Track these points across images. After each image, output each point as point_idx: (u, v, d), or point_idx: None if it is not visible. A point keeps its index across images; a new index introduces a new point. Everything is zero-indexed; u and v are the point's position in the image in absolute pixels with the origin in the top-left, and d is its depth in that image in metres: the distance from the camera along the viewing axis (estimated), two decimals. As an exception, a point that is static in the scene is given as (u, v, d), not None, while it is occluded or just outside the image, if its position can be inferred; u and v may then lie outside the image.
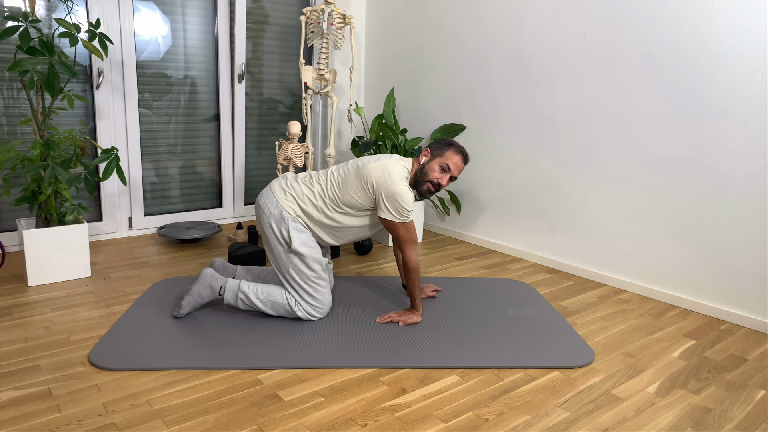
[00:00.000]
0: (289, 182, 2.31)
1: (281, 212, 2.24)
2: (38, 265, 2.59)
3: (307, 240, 2.24)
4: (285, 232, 2.22)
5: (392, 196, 2.16)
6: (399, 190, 2.16)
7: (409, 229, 2.23)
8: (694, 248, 2.58)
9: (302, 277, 2.23)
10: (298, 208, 2.26)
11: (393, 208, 2.17)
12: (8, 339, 2.07)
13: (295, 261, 2.22)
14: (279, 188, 2.29)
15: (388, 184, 2.17)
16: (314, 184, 2.29)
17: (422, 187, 2.29)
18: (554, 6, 3.02)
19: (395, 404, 1.73)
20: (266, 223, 2.26)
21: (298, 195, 2.26)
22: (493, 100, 3.42)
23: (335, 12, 3.45)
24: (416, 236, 2.25)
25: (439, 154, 2.29)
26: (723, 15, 2.38)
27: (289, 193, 2.27)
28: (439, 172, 2.27)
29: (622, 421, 1.68)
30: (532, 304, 2.56)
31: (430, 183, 2.27)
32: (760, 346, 2.25)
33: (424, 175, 2.27)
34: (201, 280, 2.28)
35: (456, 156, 2.29)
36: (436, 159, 2.28)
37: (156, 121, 3.54)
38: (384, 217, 2.20)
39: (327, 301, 2.29)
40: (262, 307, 2.25)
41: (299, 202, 2.26)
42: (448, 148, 2.30)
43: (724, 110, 2.42)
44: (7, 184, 2.65)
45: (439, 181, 2.27)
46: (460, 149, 2.31)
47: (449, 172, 2.28)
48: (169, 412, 1.64)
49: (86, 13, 3.15)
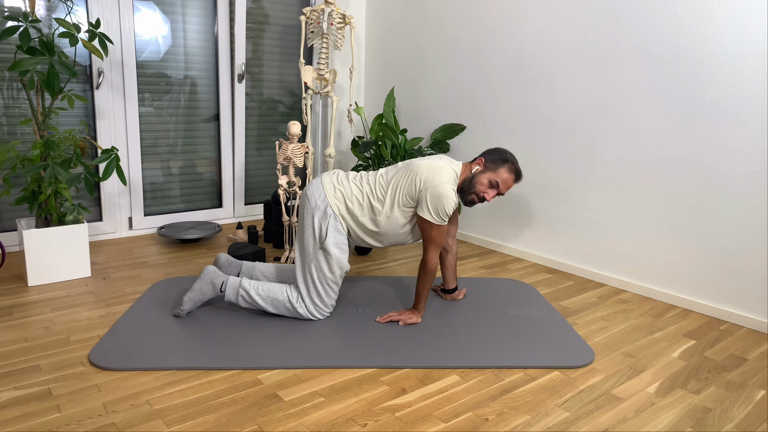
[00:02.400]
0: (340, 179, 2.29)
1: (326, 207, 2.22)
2: (38, 265, 2.59)
3: (341, 242, 2.23)
4: (324, 227, 2.21)
5: (437, 197, 2.13)
6: (445, 192, 2.13)
7: (441, 232, 2.20)
8: (694, 248, 2.58)
9: (320, 276, 2.22)
10: (344, 206, 2.24)
11: (434, 209, 2.14)
12: (8, 339, 2.07)
13: (320, 258, 2.21)
14: (330, 183, 2.27)
15: (436, 184, 2.13)
16: (364, 184, 2.27)
17: (467, 197, 2.25)
18: (554, 6, 3.02)
19: (395, 404, 1.73)
20: (309, 213, 2.24)
21: (347, 194, 2.25)
22: (493, 100, 3.43)
23: (335, 12, 3.45)
24: (444, 240, 2.23)
25: (492, 168, 2.24)
26: (723, 15, 2.38)
27: (339, 189, 2.25)
28: (487, 187, 2.23)
29: (622, 421, 1.68)
30: (532, 304, 2.56)
31: (475, 195, 2.24)
32: (760, 346, 2.25)
33: (472, 186, 2.23)
34: (203, 277, 2.28)
35: (509, 174, 2.24)
36: (488, 172, 2.23)
37: (156, 121, 3.54)
38: (422, 216, 2.17)
39: (331, 305, 2.29)
40: (262, 303, 2.25)
41: (347, 200, 2.24)
42: (503, 164, 2.24)
43: (724, 110, 2.42)
44: (7, 184, 2.65)
45: (485, 195, 2.23)
46: (515, 168, 2.25)
47: (497, 188, 2.24)
48: (169, 412, 1.64)
49: (86, 13, 3.15)
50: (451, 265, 2.54)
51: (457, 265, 2.49)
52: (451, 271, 2.54)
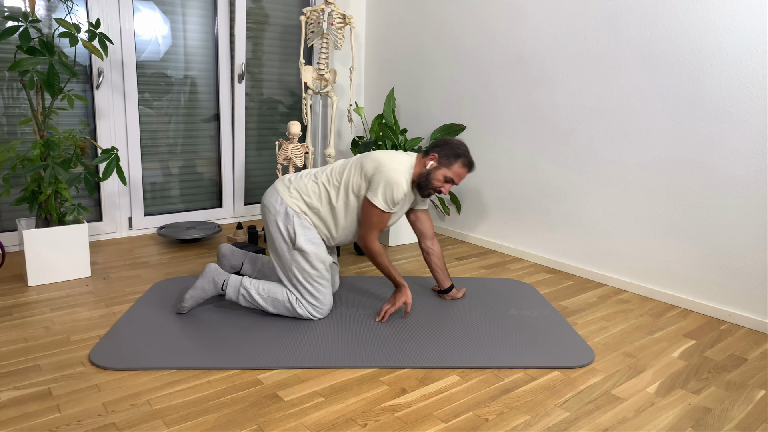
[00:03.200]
0: (293, 179, 2.32)
1: (286, 209, 2.24)
2: (38, 265, 2.59)
3: (312, 237, 2.24)
4: (291, 228, 2.22)
5: (390, 183, 2.16)
6: (397, 178, 2.16)
7: (383, 220, 2.22)
8: (694, 248, 2.58)
9: (305, 276, 2.23)
10: (303, 203, 2.26)
11: (383, 194, 2.16)
12: (8, 339, 2.07)
13: (298, 259, 2.22)
14: (283, 186, 2.30)
15: (390, 168, 2.17)
16: (318, 176, 2.30)
17: (425, 191, 2.30)
18: (554, 6, 3.02)
19: (395, 404, 1.73)
20: (272, 221, 2.26)
21: (303, 190, 2.27)
22: (493, 100, 3.43)
23: (335, 12, 3.45)
24: (383, 228, 2.25)
25: (446, 164, 2.28)
26: (723, 15, 2.38)
27: (293, 189, 2.28)
28: (443, 182, 2.28)
29: (622, 421, 1.68)
30: (532, 304, 2.56)
31: (432, 189, 2.29)
32: (760, 346, 2.25)
33: (429, 182, 2.27)
34: (205, 275, 2.30)
35: (462, 169, 2.30)
36: (442, 168, 2.27)
37: (156, 121, 3.54)
38: (370, 199, 2.18)
39: (327, 301, 2.29)
40: (262, 303, 2.26)
41: (304, 197, 2.26)
42: (457, 160, 2.28)
43: (724, 110, 2.42)
44: (7, 184, 2.65)
45: (442, 189, 2.29)
46: (468, 162, 2.31)
47: (452, 182, 2.30)
48: (169, 412, 1.64)
49: (86, 13, 3.15)
50: (439, 266, 2.54)
51: (445, 263, 2.49)
52: (440, 271, 2.55)
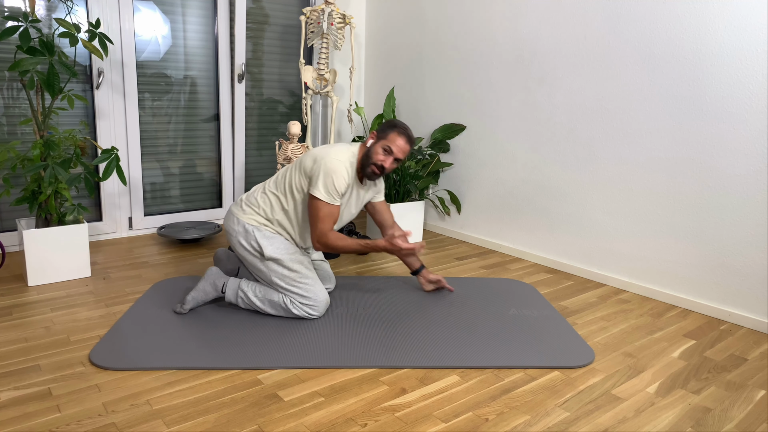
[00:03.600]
0: (244, 198, 2.36)
1: (244, 226, 2.28)
2: (38, 265, 2.59)
3: (279, 244, 2.26)
4: (254, 242, 2.25)
5: (328, 173, 2.17)
6: (336, 167, 2.18)
7: (331, 213, 2.21)
8: (694, 248, 2.58)
9: (287, 281, 2.24)
10: (258, 216, 2.29)
11: (323, 185, 2.17)
12: (8, 339, 2.07)
13: (274, 268, 2.24)
14: (236, 207, 2.35)
15: (327, 161, 2.19)
16: (267, 187, 2.34)
17: (367, 170, 2.30)
18: (554, 6, 3.02)
19: (395, 404, 1.73)
20: (236, 242, 2.30)
21: (254, 204, 2.31)
22: (493, 100, 3.43)
23: (335, 12, 3.45)
24: (333, 222, 2.22)
25: (383, 136, 2.30)
26: (723, 15, 2.38)
27: (246, 206, 2.32)
28: (383, 155, 2.28)
29: (622, 421, 1.68)
30: (532, 304, 2.56)
31: (374, 165, 2.28)
32: (760, 346, 2.25)
33: (369, 158, 2.29)
34: (206, 278, 2.33)
35: (399, 138, 2.29)
36: (380, 141, 2.29)
37: (156, 121, 3.54)
38: (313, 194, 2.18)
39: (320, 298, 2.28)
40: (260, 305, 2.27)
41: (257, 210, 2.29)
42: (392, 130, 2.30)
43: (724, 110, 2.42)
44: (7, 184, 2.65)
45: (383, 163, 2.28)
46: (404, 131, 2.31)
47: (392, 154, 2.28)
48: (169, 412, 1.64)
49: (86, 13, 3.15)
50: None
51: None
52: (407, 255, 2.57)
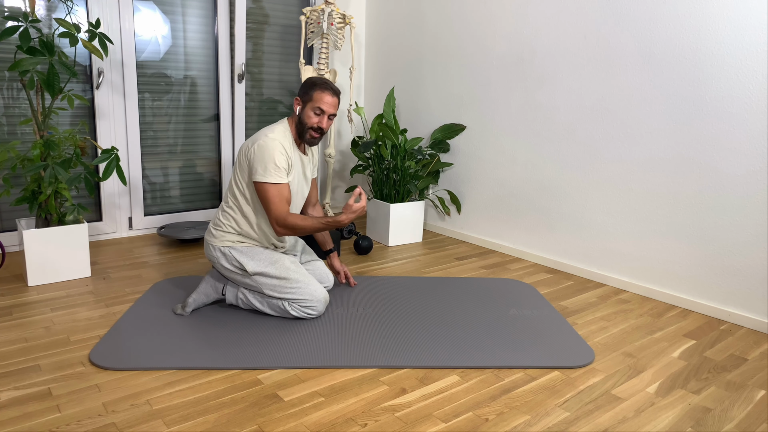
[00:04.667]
0: (212, 224, 2.35)
1: (220, 250, 2.28)
2: (38, 265, 2.59)
3: (258, 255, 2.26)
4: (234, 262, 2.25)
5: (261, 153, 2.15)
6: (269, 145, 2.15)
7: (281, 192, 2.16)
8: (694, 248, 2.58)
9: (278, 290, 2.24)
10: (228, 234, 2.29)
11: (263, 167, 2.14)
12: (8, 339, 2.07)
13: (261, 281, 2.24)
14: (208, 235, 2.35)
15: (258, 144, 2.17)
16: (223, 205, 2.34)
17: (306, 136, 2.28)
18: (554, 6, 3.02)
19: (395, 404, 1.73)
20: (220, 266, 2.30)
21: (220, 225, 2.31)
22: (493, 100, 3.43)
23: (335, 12, 3.45)
24: (288, 201, 2.19)
25: (308, 99, 2.24)
26: (723, 15, 2.38)
27: (214, 230, 2.32)
28: (316, 117, 2.25)
29: (622, 421, 1.68)
30: (532, 304, 2.56)
31: (311, 130, 2.26)
32: (760, 346, 2.25)
33: (303, 125, 2.26)
34: (207, 280, 2.35)
35: (324, 94, 2.23)
36: (307, 105, 2.25)
37: (156, 121, 3.54)
38: (257, 180, 2.15)
39: (316, 296, 2.27)
40: (259, 306, 2.28)
41: (225, 230, 2.29)
42: (313, 89, 2.24)
43: (724, 110, 2.42)
44: (7, 184, 2.65)
45: (319, 124, 2.25)
46: (325, 85, 2.25)
47: (325, 113, 2.25)
48: (169, 412, 1.64)
49: (86, 13, 3.15)
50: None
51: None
52: (320, 234, 2.59)
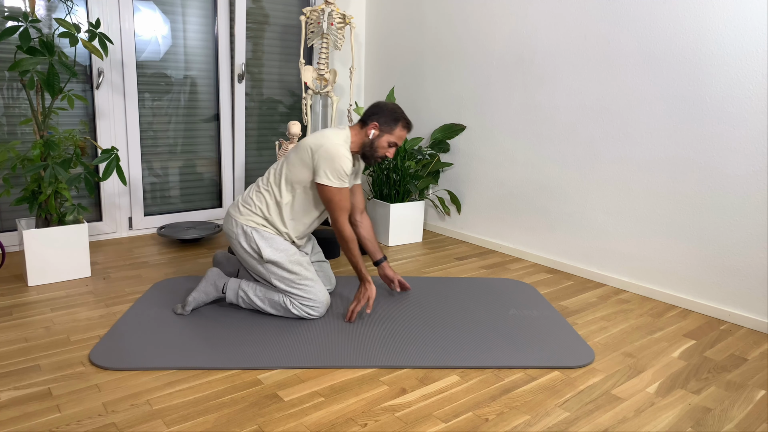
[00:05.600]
0: (240, 199, 2.35)
1: (243, 228, 2.27)
2: (38, 265, 2.59)
3: (278, 245, 2.25)
4: (253, 244, 2.24)
5: (330, 158, 2.16)
6: (336, 152, 2.17)
7: (344, 195, 2.22)
8: (694, 248, 2.58)
9: (287, 283, 2.24)
10: (256, 216, 2.28)
11: (331, 171, 2.17)
12: (8, 339, 2.07)
13: (273, 270, 2.24)
14: (234, 209, 2.34)
15: (327, 146, 2.18)
16: (260, 185, 2.33)
17: (370, 160, 2.34)
18: (554, 6, 3.02)
19: (395, 404, 1.73)
20: (236, 244, 2.29)
21: (251, 204, 2.30)
22: (493, 100, 3.43)
23: (335, 12, 3.45)
24: (348, 204, 2.25)
25: (388, 130, 2.31)
26: (723, 15, 2.38)
27: (242, 206, 2.31)
28: (387, 148, 2.33)
29: (622, 421, 1.68)
30: (532, 304, 2.56)
31: (379, 157, 2.34)
32: (760, 346, 2.25)
33: (374, 150, 2.32)
34: (207, 278, 2.34)
35: (405, 132, 2.35)
36: (385, 135, 2.31)
37: (156, 121, 3.54)
38: (320, 182, 2.19)
39: (321, 298, 2.28)
40: (260, 304, 2.27)
41: (254, 210, 2.28)
42: (397, 123, 2.32)
43: (724, 110, 2.42)
44: (7, 184, 2.65)
45: (388, 155, 2.34)
46: (408, 125, 2.35)
47: (395, 146, 2.35)
48: (169, 412, 1.64)
49: (86, 13, 3.15)
50: (367, 237, 2.55)
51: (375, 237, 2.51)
52: (370, 243, 2.56)
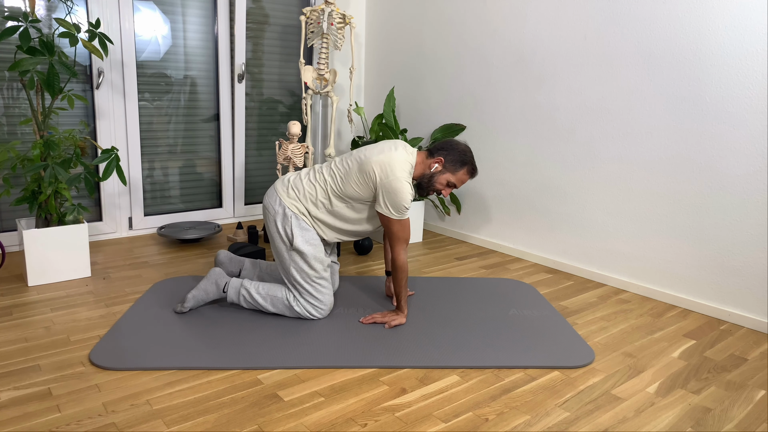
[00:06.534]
0: (292, 180, 2.31)
1: (284, 210, 2.24)
2: (38, 265, 2.59)
3: (310, 238, 2.24)
4: (288, 229, 2.23)
5: (392, 193, 2.15)
6: (400, 188, 2.16)
7: (404, 226, 2.22)
8: (694, 248, 2.58)
9: (303, 276, 2.23)
10: (301, 205, 2.26)
11: (392, 204, 2.17)
12: (8, 339, 2.07)
13: (296, 259, 2.23)
14: (282, 186, 2.30)
15: (390, 180, 2.16)
16: (317, 179, 2.28)
17: (425, 192, 2.32)
18: (554, 6, 3.02)
19: (395, 404, 1.73)
20: (271, 221, 2.26)
21: (301, 192, 2.27)
22: (493, 100, 3.43)
23: (335, 12, 3.45)
24: (409, 235, 2.25)
25: (452, 170, 2.28)
26: (723, 15, 2.38)
27: (291, 189, 2.28)
28: (445, 186, 2.31)
29: (622, 421, 1.68)
30: (532, 304, 2.56)
31: (433, 191, 2.32)
32: (760, 346, 2.25)
33: (431, 184, 2.29)
34: (208, 277, 2.34)
35: (467, 176, 2.32)
36: (447, 173, 2.28)
37: (156, 121, 3.54)
38: (381, 212, 2.20)
39: (328, 301, 2.29)
40: (262, 302, 2.27)
41: (302, 199, 2.26)
42: (462, 167, 2.29)
43: (724, 110, 2.42)
44: (7, 184, 2.65)
45: (443, 192, 2.32)
46: (473, 171, 2.32)
47: (454, 187, 2.32)
48: (169, 412, 1.64)
49: (86, 13, 3.15)
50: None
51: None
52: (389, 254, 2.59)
